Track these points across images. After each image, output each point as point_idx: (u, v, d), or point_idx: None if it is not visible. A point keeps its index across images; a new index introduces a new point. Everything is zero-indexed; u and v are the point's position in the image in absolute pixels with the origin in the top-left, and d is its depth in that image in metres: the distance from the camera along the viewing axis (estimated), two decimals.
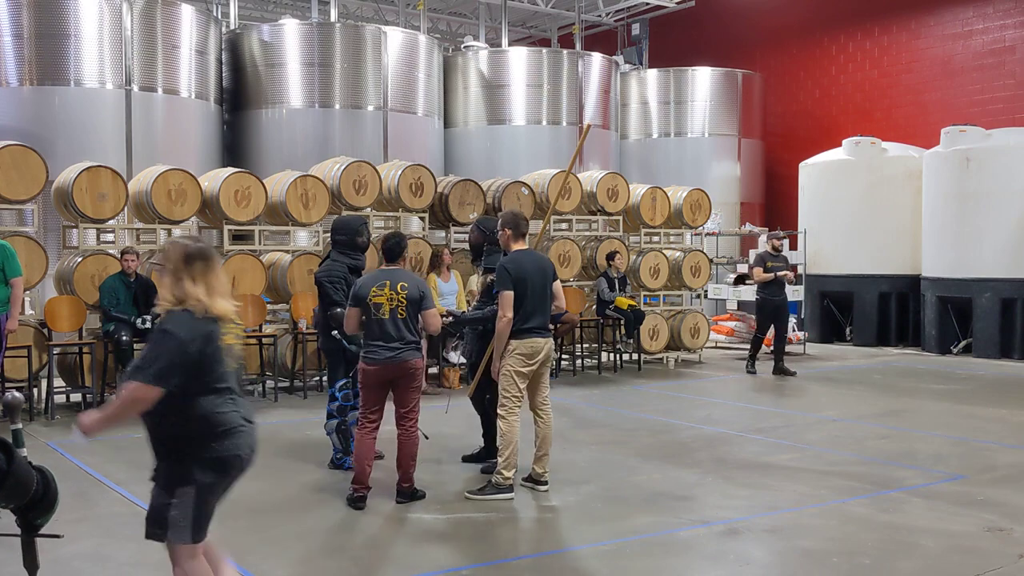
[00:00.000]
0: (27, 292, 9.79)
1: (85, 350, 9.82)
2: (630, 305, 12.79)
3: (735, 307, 16.64)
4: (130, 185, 10.87)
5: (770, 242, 13.02)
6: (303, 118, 15.69)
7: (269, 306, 11.10)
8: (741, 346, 15.37)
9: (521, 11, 22.41)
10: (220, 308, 3.71)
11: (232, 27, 17.53)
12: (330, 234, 7.52)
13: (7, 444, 3.00)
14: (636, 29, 23.24)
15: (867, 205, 16.35)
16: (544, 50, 19.58)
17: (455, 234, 12.55)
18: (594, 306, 13.03)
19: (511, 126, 18.14)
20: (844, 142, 16.94)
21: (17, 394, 3.46)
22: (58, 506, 3.23)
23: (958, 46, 18.54)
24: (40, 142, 11.43)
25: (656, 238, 14.35)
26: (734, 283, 16.05)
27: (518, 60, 18.28)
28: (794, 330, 14.78)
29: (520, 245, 6.64)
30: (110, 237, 10.98)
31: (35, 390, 9.70)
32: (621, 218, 14.01)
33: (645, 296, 14.00)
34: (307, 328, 10.42)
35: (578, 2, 21.63)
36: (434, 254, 11.65)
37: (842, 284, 16.67)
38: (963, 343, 15.10)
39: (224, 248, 10.96)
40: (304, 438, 8.44)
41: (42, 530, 3.25)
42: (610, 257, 12.81)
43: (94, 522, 5.85)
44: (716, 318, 16.16)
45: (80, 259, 10.07)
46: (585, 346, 13.31)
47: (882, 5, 19.67)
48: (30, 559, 3.31)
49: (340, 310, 6.83)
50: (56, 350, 9.84)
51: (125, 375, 4.21)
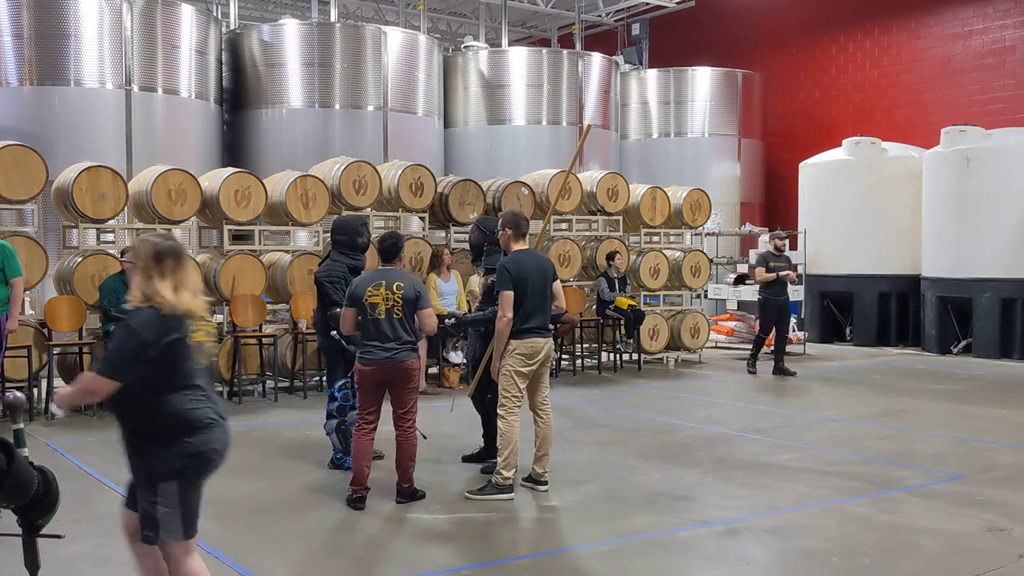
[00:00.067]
0: (27, 292, 9.79)
1: (85, 350, 9.82)
2: (630, 305, 12.79)
3: (735, 307, 16.64)
4: (130, 185, 10.86)
5: (773, 242, 13.02)
6: (303, 118, 15.69)
7: (269, 306, 11.10)
8: (741, 346, 15.37)
9: (521, 11, 22.41)
10: (188, 305, 3.72)
11: (232, 27, 17.52)
12: (330, 234, 7.53)
13: (8, 444, 3.00)
14: (636, 29, 23.24)
15: (867, 205, 16.36)
16: (544, 50, 19.58)
17: (455, 234, 12.55)
18: (594, 306, 13.03)
19: (511, 126, 18.13)
20: (844, 142, 16.94)
21: (19, 394, 3.47)
22: (59, 506, 3.24)
23: (958, 46, 18.54)
24: (40, 142, 11.43)
25: (656, 238, 14.35)
26: (734, 283, 16.06)
27: (518, 60, 18.28)
28: (794, 330, 14.77)
29: (520, 245, 6.65)
30: (110, 237, 10.99)
31: (35, 390, 9.70)
32: (621, 218, 14.01)
33: (645, 296, 14.00)
34: (307, 328, 10.41)
35: (578, 2, 21.63)
36: (434, 254, 11.65)
37: (842, 284, 16.67)
38: (963, 343, 15.11)
39: (224, 248, 10.97)
40: (304, 438, 8.45)
41: (43, 530, 3.25)
42: (610, 257, 12.82)
43: (94, 522, 5.84)
44: (716, 318, 16.16)
45: (80, 259, 10.07)
46: (585, 346, 13.31)
47: (882, 5, 19.66)
48: (31, 559, 3.31)
49: (339, 310, 6.83)
50: (56, 350, 9.85)
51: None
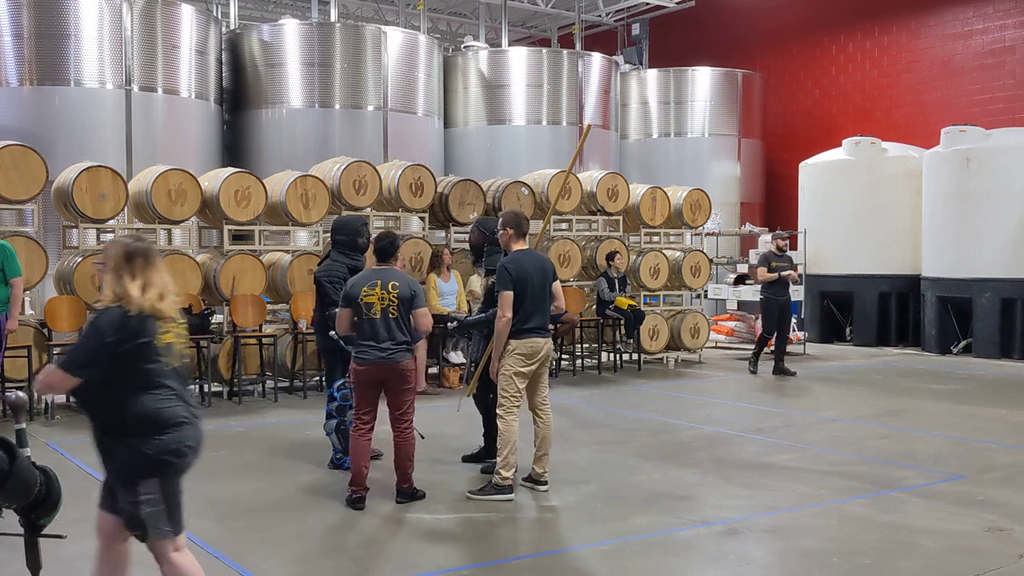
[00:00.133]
0: (27, 292, 9.79)
1: None
2: (630, 305, 12.79)
3: (735, 307, 16.65)
4: (130, 185, 10.87)
5: (774, 242, 13.01)
6: (303, 118, 15.69)
7: (269, 306, 11.11)
8: (741, 346, 15.38)
9: (521, 11, 22.41)
10: (156, 307, 3.72)
11: (232, 27, 17.52)
12: (330, 234, 7.53)
13: (9, 444, 3.01)
14: (636, 29, 23.23)
15: (867, 205, 16.36)
16: (544, 50, 19.57)
17: (455, 234, 12.56)
18: (594, 306, 13.03)
19: (511, 126, 18.13)
20: (844, 142, 16.95)
21: (21, 394, 3.48)
22: (61, 506, 3.24)
23: (958, 46, 18.54)
24: (40, 142, 11.43)
25: (656, 238, 14.35)
26: (734, 283, 16.06)
27: (518, 60, 18.27)
28: (794, 330, 14.78)
29: (521, 245, 6.65)
30: (110, 237, 10.97)
31: (35, 390, 9.70)
32: (621, 218, 14.01)
33: (645, 296, 14.00)
34: (307, 328, 10.41)
35: (578, 2, 21.62)
36: (434, 254, 11.66)
37: (842, 284, 16.67)
38: (963, 343, 15.11)
39: (224, 248, 10.97)
40: (304, 438, 8.45)
41: (45, 530, 3.26)
42: (610, 257, 12.82)
43: (95, 522, 5.83)
44: (716, 318, 16.17)
45: (80, 259, 10.07)
46: (585, 346, 13.31)
47: (882, 5, 19.67)
48: (33, 559, 3.32)
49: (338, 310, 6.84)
50: (56, 350, 9.83)
51: None
